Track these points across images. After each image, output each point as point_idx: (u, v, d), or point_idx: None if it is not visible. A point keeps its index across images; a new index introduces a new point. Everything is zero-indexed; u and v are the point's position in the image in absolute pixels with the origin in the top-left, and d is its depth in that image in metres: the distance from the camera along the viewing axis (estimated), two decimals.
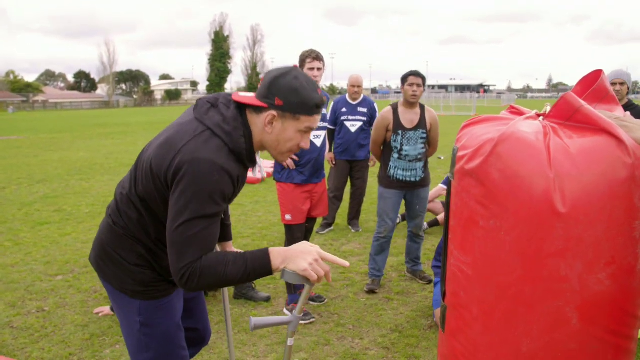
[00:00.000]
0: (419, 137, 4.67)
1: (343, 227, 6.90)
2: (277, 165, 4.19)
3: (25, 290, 4.79)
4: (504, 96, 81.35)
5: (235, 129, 1.83)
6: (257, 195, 8.96)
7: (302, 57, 4.09)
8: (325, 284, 4.86)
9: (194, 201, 1.72)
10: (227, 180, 1.78)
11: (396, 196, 4.78)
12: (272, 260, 1.75)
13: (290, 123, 1.84)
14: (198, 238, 1.72)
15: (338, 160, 6.66)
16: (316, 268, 1.76)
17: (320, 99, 1.86)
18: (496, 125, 2.24)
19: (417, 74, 4.65)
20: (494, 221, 2.05)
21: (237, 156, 1.84)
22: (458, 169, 2.20)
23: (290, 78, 1.83)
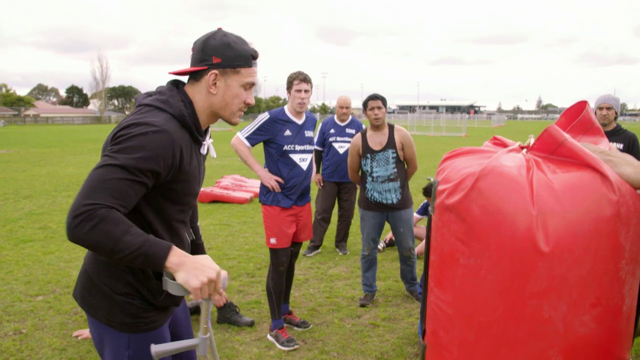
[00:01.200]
0: (389, 158, 4.74)
1: (330, 249, 6.83)
2: (262, 188, 4.14)
3: (3, 311, 4.68)
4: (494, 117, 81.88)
5: (172, 96, 1.86)
6: (245, 215, 8.88)
7: (289, 79, 4.06)
8: (312, 308, 4.79)
9: (123, 151, 1.68)
10: (165, 140, 1.74)
11: (375, 217, 4.90)
12: (170, 256, 1.66)
13: (232, 78, 1.89)
14: (113, 186, 1.64)
15: (326, 182, 6.62)
16: (206, 290, 1.68)
17: (254, 50, 1.92)
18: (478, 158, 2.18)
19: (374, 97, 4.79)
20: (474, 259, 1.98)
21: (181, 121, 1.84)
22: (438, 204, 2.14)
23: (220, 36, 1.89)
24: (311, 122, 4.23)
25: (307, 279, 5.63)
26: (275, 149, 4.03)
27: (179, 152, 1.80)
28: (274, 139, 4.01)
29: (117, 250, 1.61)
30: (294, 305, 4.86)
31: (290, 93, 4.06)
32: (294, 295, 5.07)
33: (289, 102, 4.12)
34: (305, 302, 4.97)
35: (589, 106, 2.26)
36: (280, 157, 4.04)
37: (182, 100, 1.87)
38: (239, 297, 5.04)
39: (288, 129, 4.04)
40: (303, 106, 4.06)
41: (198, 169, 1.98)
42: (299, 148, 4.07)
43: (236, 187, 10.82)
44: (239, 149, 4.09)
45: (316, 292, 5.23)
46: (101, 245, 1.60)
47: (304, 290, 5.31)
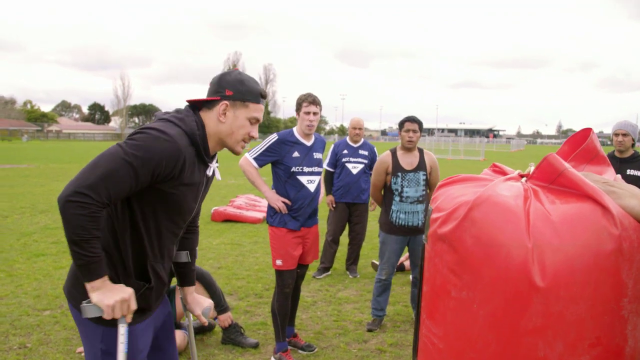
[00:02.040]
0: (419, 179, 4.73)
1: (341, 272, 6.77)
2: (269, 209, 4.12)
3: (10, 324, 4.70)
4: (514, 141, 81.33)
5: (188, 116, 2.07)
6: (257, 235, 8.86)
7: (298, 101, 4.06)
8: (318, 331, 4.73)
9: (134, 147, 1.88)
10: (173, 148, 1.93)
11: (398, 242, 4.84)
12: (96, 280, 1.87)
13: (240, 111, 2.11)
14: (114, 179, 1.84)
15: (337, 203, 6.59)
16: (118, 309, 1.89)
17: (263, 90, 2.17)
18: (474, 186, 2.11)
19: (412, 119, 4.76)
20: (466, 292, 1.89)
21: (191, 138, 2.03)
22: (431, 233, 2.06)
23: (236, 73, 2.14)
24: (320, 143, 4.22)
25: (315, 302, 5.58)
26: (283, 170, 4.02)
27: (182, 163, 1.97)
28: (282, 160, 4.00)
29: (77, 243, 1.81)
30: (300, 327, 4.80)
31: (299, 115, 4.06)
32: (301, 317, 5.02)
33: (297, 124, 4.12)
34: (312, 325, 4.91)
35: (594, 134, 2.18)
36: (288, 179, 4.02)
37: (196, 122, 2.07)
38: (245, 318, 5.00)
39: (297, 151, 4.02)
40: (311, 128, 4.05)
41: (199, 186, 2.14)
42: (307, 170, 4.05)
43: (249, 206, 10.83)
44: (247, 170, 4.08)
45: (323, 315, 5.17)
46: (72, 229, 1.81)
47: (311, 312, 5.25)
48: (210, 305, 2.59)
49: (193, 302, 2.55)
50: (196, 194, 2.15)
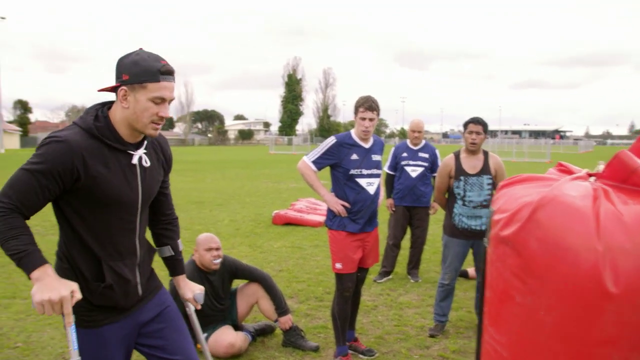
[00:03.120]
0: (483, 183, 4.62)
1: (402, 276, 6.69)
2: (329, 212, 4.11)
3: None
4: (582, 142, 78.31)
5: (88, 112, 2.11)
6: (318, 238, 8.88)
7: (356, 104, 4.03)
8: (379, 336, 4.68)
9: (32, 158, 2.00)
10: (64, 149, 1.97)
11: (461, 246, 4.74)
12: (35, 271, 1.93)
13: (140, 93, 2.04)
14: (22, 187, 1.96)
15: (397, 207, 6.52)
16: (48, 308, 1.91)
17: (164, 66, 2.05)
18: (538, 186, 1.98)
19: (476, 121, 4.64)
20: (531, 298, 1.78)
21: (89, 133, 2.05)
22: (493, 235, 1.95)
23: (133, 55, 2.07)
24: (379, 145, 4.18)
25: (376, 306, 5.53)
26: (342, 173, 4.00)
27: (79, 159, 2.00)
28: (341, 163, 3.98)
29: (4, 247, 1.94)
30: (361, 332, 4.77)
31: (356, 119, 4.04)
32: (362, 321, 4.98)
33: (355, 128, 4.10)
34: (373, 330, 4.87)
35: None
36: (347, 182, 4.00)
37: (96, 115, 2.09)
38: (305, 321, 5.01)
39: (355, 153, 4.00)
40: (367, 134, 4.01)
41: (124, 176, 2.13)
42: (366, 172, 4.02)
43: (310, 210, 10.87)
44: (305, 173, 4.08)
45: (385, 320, 5.12)
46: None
47: (372, 317, 5.20)
48: (201, 291, 2.64)
49: (185, 287, 2.61)
50: (128, 186, 2.15)
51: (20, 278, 6.23)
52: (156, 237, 2.58)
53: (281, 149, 57.45)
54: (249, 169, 26.93)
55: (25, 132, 73.49)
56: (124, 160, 2.13)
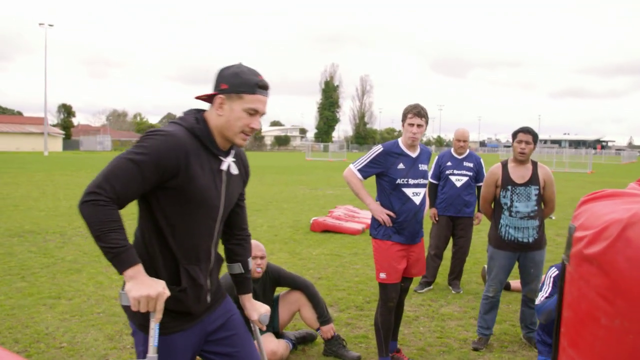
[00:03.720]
0: (531, 194, 4.51)
1: (443, 286, 6.59)
2: (373, 222, 4.07)
3: (123, 324, 4.93)
4: (625, 153, 76.37)
5: (187, 114, 2.19)
6: (356, 246, 8.83)
7: (404, 111, 3.99)
8: (421, 347, 4.61)
9: (136, 148, 2.01)
10: (172, 141, 2.03)
11: (507, 258, 4.64)
12: (129, 269, 1.94)
13: (236, 103, 2.13)
14: (121, 177, 1.96)
15: (440, 217, 6.43)
16: (144, 304, 1.94)
17: (261, 81, 2.15)
18: (624, 202, 1.87)
19: (526, 130, 4.55)
20: (620, 320, 1.67)
21: (191, 131, 2.11)
22: (575, 252, 1.85)
23: (233, 67, 2.17)
24: (425, 155, 4.12)
25: (417, 317, 5.45)
26: (388, 182, 3.96)
27: (184, 156, 2.05)
28: (387, 172, 3.94)
29: (100, 238, 1.92)
30: (403, 343, 4.70)
31: (404, 126, 3.99)
32: (403, 332, 4.91)
33: (402, 135, 4.05)
34: (415, 341, 4.79)
35: None
36: (393, 191, 3.95)
37: (196, 118, 2.17)
38: (346, 330, 4.96)
39: (402, 162, 3.95)
40: (415, 140, 3.96)
41: (213, 180, 2.19)
42: (412, 182, 3.97)
43: (348, 217, 10.83)
44: (351, 181, 4.06)
45: (426, 331, 5.04)
46: (92, 226, 1.92)
47: (413, 328, 5.13)
48: (267, 312, 2.62)
49: (251, 308, 2.60)
50: (216, 190, 2.20)
51: (64, 279, 6.36)
52: (228, 252, 2.59)
53: (317, 156, 57.61)
54: (286, 174, 27.04)
55: (68, 136, 75.46)
56: (215, 164, 2.20)
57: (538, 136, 4.60)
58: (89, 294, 5.82)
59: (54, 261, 7.26)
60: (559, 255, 8.24)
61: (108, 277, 6.53)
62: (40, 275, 6.55)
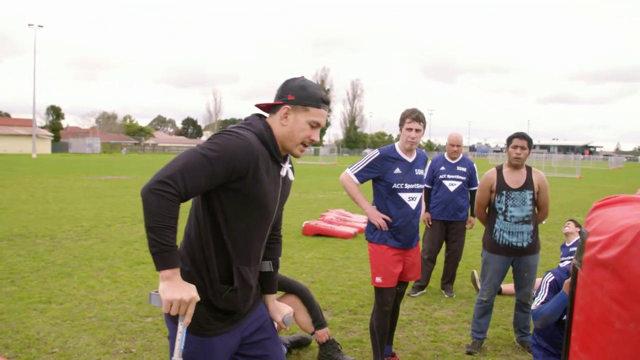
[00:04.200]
0: (525, 198, 4.54)
1: (436, 290, 6.59)
2: (369, 226, 4.06)
3: (116, 329, 4.89)
4: (612, 158, 77.03)
5: (255, 121, 2.23)
6: (349, 250, 8.83)
7: (402, 116, 4.00)
8: (415, 351, 4.61)
9: (210, 144, 2.04)
10: (246, 147, 2.06)
11: (501, 262, 4.66)
12: (167, 269, 1.93)
13: (301, 114, 2.20)
14: (193, 172, 1.97)
15: (434, 221, 6.44)
16: (175, 307, 1.93)
17: (325, 96, 2.24)
18: (637, 208, 1.90)
19: (522, 136, 4.59)
20: (634, 325, 1.69)
21: (261, 139, 2.16)
22: (588, 257, 1.86)
23: (299, 80, 2.26)
24: (422, 160, 4.13)
25: (411, 320, 5.45)
26: (385, 186, 3.96)
27: (255, 160, 2.08)
28: (384, 177, 3.94)
29: (154, 230, 1.91)
30: (397, 347, 4.69)
31: (402, 130, 3.99)
32: (397, 336, 4.90)
33: (400, 140, 4.05)
34: (409, 345, 4.79)
35: None
36: (389, 195, 3.96)
37: (263, 124, 2.21)
38: (341, 334, 4.95)
39: (398, 167, 3.96)
40: (413, 145, 3.97)
41: (274, 186, 2.24)
42: (409, 186, 3.97)
43: (340, 221, 10.83)
44: (348, 185, 4.05)
45: (420, 335, 5.04)
46: (151, 216, 1.92)
47: (407, 332, 5.13)
48: (290, 313, 2.63)
49: (274, 310, 2.60)
50: (274, 195, 2.25)
51: (54, 283, 6.31)
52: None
53: (308, 159, 57.59)
54: None
55: (57, 138, 74.99)
56: (276, 170, 2.25)
57: (532, 141, 4.64)
58: (80, 298, 5.77)
59: (44, 265, 7.19)
60: (551, 259, 8.29)
61: (99, 281, 6.48)
62: (30, 279, 6.48)
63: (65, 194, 16.43)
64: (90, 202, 14.21)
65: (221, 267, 2.18)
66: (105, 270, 6.96)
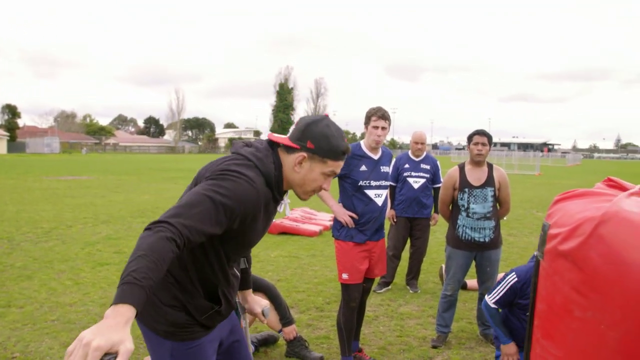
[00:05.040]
0: (487, 195, 4.64)
1: (401, 286, 6.68)
2: (336, 223, 4.09)
3: (79, 331, 4.76)
4: (569, 156, 79.07)
5: (266, 156, 2.03)
6: (314, 248, 8.85)
7: (368, 114, 4.04)
8: (382, 346, 4.66)
9: (217, 187, 1.83)
10: (253, 192, 1.91)
11: (464, 257, 4.75)
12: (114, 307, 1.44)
13: (317, 165, 2.04)
14: (194, 207, 1.75)
15: (399, 218, 6.51)
16: (75, 355, 1.34)
17: (346, 146, 2.07)
18: (595, 201, 1.98)
19: (482, 133, 4.69)
20: (592, 313, 1.76)
21: (267, 179, 2.00)
22: (549, 249, 1.93)
23: (323, 125, 2.05)
24: (387, 157, 4.18)
25: (377, 316, 5.51)
26: (351, 184, 3.99)
27: (259, 207, 1.96)
28: (350, 174, 3.98)
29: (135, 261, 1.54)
30: (364, 342, 4.74)
31: (368, 129, 4.03)
32: (364, 332, 4.95)
33: (365, 137, 4.09)
34: (375, 340, 4.84)
35: None
36: (355, 193, 3.99)
37: (274, 163, 2.04)
38: (307, 332, 4.97)
39: (364, 164, 3.99)
40: (379, 143, 4.02)
41: (266, 223, 2.12)
42: (375, 184, 4.01)
43: (305, 219, 10.85)
44: None
45: (386, 330, 5.10)
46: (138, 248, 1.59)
47: (374, 327, 5.18)
48: (268, 305, 2.66)
49: (252, 302, 2.62)
50: (262, 231, 2.14)
51: (14, 286, 6.16)
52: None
53: None
54: None
55: (13, 138, 72.90)
56: (274, 207, 2.15)
57: (492, 138, 4.74)
58: (41, 301, 5.64)
59: (2, 268, 7.00)
60: (512, 254, 8.48)
61: (61, 283, 6.35)
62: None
63: (23, 195, 16.02)
64: (49, 203, 13.89)
65: (207, 291, 2.11)
66: (67, 272, 6.83)
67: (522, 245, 9.21)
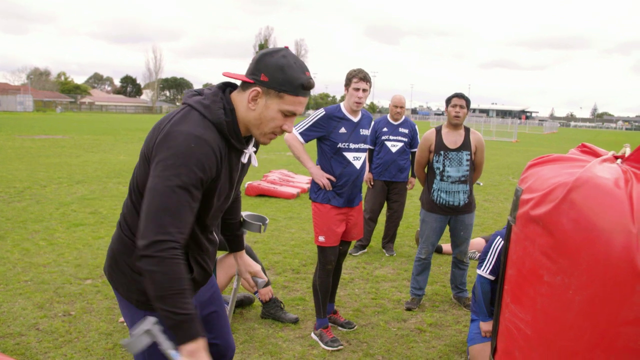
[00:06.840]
0: (462, 159, 4.64)
1: (377, 250, 6.73)
2: (313, 185, 4.07)
3: (54, 292, 4.77)
4: (547, 123, 79.80)
5: (214, 102, 1.88)
6: (292, 211, 8.86)
7: (349, 76, 3.98)
8: (357, 308, 4.72)
9: (170, 169, 1.73)
10: (207, 150, 1.78)
11: (438, 221, 4.78)
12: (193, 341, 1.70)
13: (273, 101, 1.84)
14: (167, 210, 1.71)
15: (376, 181, 6.52)
16: None
17: (307, 80, 1.86)
18: (568, 167, 1.99)
19: (460, 95, 4.68)
20: (561, 277, 1.78)
21: (218, 127, 1.85)
22: (521, 214, 1.94)
23: (279, 56, 1.85)
24: (367, 120, 4.14)
25: (352, 279, 5.56)
26: (329, 146, 3.96)
27: (219, 162, 1.85)
28: (329, 136, 3.94)
29: (164, 299, 1.68)
30: (339, 304, 4.79)
31: (348, 90, 3.98)
32: (339, 294, 5.00)
33: (345, 99, 4.04)
34: (351, 302, 4.89)
35: None
36: (334, 155, 3.96)
37: (224, 108, 1.88)
38: (283, 293, 5.00)
39: (343, 127, 3.96)
40: (359, 105, 3.97)
41: (229, 174, 1.98)
42: (354, 146, 3.99)
43: (283, 182, 10.82)
44: (293, 145, 4.03)
45: (361, 293, 5.15)
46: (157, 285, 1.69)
47: (349, 290, 5.23)
48: (264, 278, 2.66)
49: (242, 265, 2.60)
50: (229, 182, 2.00)
51: None
52: (225, 213, 2.48)
53: None
54: None
55: None
56: (235, 158, 1.98)
57: (470, 101, 4.73)
58: (14, 262, 5.58)
59: None
60: (487, 219, 8.59)
61: (35, 243, 6.27)
62: None
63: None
64: (23, 163, 13.64)
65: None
66: (41, 233, 6.75)
67: (497, 211, 9.33)
